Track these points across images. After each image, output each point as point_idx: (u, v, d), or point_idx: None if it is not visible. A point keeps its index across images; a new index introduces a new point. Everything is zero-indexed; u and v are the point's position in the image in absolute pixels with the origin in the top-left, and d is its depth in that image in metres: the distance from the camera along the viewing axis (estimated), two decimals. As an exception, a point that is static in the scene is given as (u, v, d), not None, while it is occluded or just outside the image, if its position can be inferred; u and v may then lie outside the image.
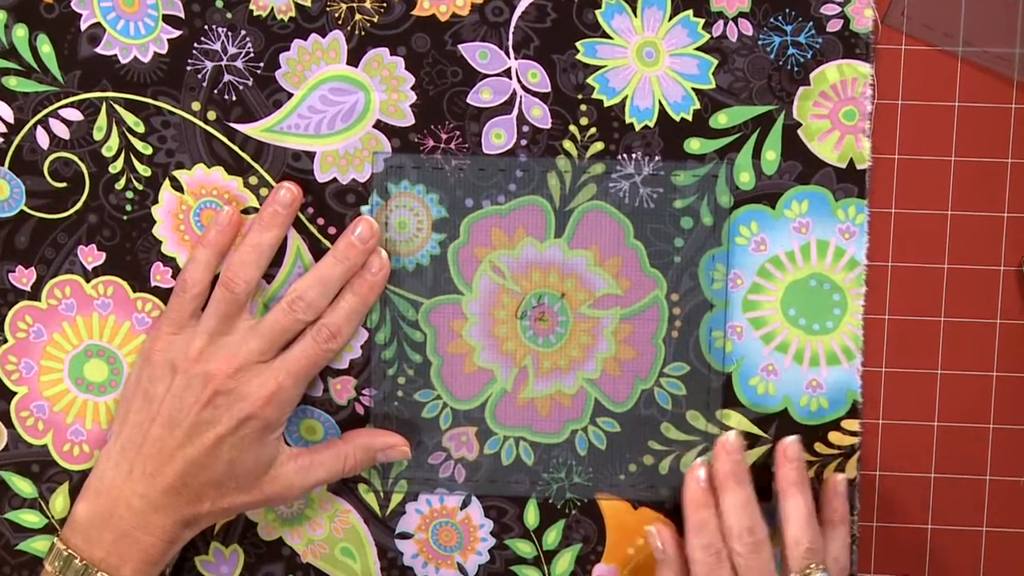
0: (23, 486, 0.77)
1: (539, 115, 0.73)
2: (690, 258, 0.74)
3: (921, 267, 0.74)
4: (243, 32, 0.73)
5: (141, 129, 0.74)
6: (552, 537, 0.76)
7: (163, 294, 0.75)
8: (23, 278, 0.75)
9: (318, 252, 0.74)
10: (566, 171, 0.74)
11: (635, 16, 0.72)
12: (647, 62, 0.73)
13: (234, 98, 0.74)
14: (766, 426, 0.75)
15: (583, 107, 0.73)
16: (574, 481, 0.76)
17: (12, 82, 0.74)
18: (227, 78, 0.74)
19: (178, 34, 0.73)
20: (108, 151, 0.74)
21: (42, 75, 0.74)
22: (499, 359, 0.75)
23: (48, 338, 0.76)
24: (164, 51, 0.74)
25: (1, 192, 0.75)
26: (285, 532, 0.77)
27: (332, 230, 0.74)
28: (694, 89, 0.73)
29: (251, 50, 0.73)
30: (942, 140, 0.73)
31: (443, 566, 0.77)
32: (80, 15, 0.73)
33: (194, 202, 0.75)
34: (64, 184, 0.75)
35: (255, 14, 0.73)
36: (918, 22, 0.72)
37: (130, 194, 0.75)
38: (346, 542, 0.77)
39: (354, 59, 0.73)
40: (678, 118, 0.73)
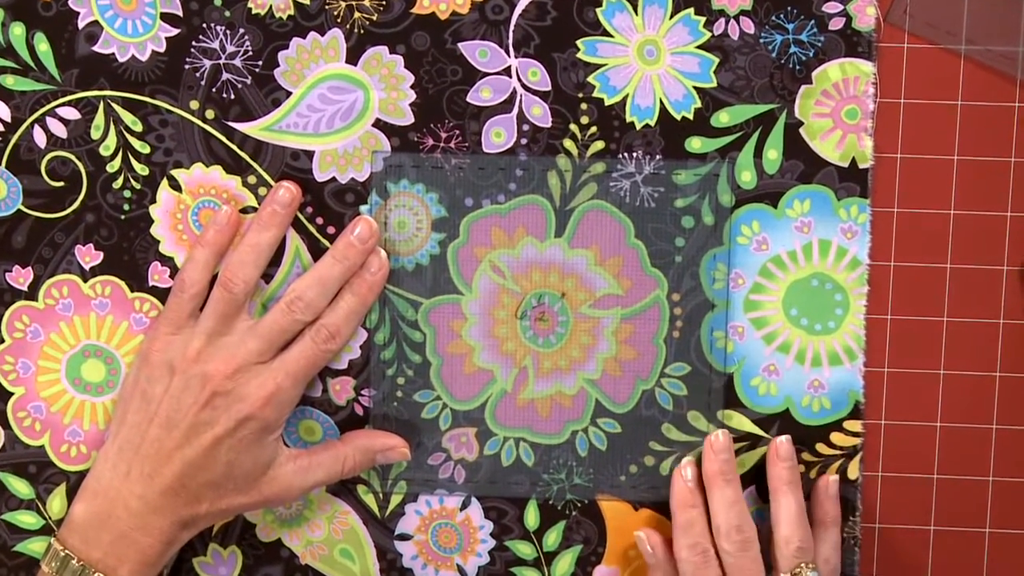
0: (20, 487, 0.77)
1: (539, 114, 0.73)
2: (691, 258, 0.74)
3: (924, 267, 0.74)
4: (241, 30, 0.73)
5: (139, 128, 0.74)
6: (552, 538, 0.76)
7: (161, 294, 0.75)
8: (20, 278, 0.75)
9: (317, 252, 0.74)
10: (566, 170, 0.73)
11: (636, 14, 0.72)
12: (648, 60, 0.73)
13: (232, 97, 0.73)
14: (768, 427, 0.74)
15: (584, 106, 0.73)
16: (574, 482, 0.76)
17: (9, 81, 0.74)
18: (225, 77, 0.73)
19: (176, 32, 0.73)
20: (106, 150, 0.74)
21: (39, 73, 0.74)
22: (499, 359, 0.75)
23: (45, 338, 0.76)
24: (162, 49, 0.73)
25: (-2, 191, 0.75)
26: (284, 533, 0.77)
27: (331, 230, 0.74)
28: (695, 88, 0.73)
29: (250, 48, 0.73)
30: (945, 139, 0.73)
31: (443, 568, 0.77)
32: (78, 13, 0.73)
33: (192, 201, 0.74)
34: (61, 183, 0.74)
35: (253, 12, 0.73)
36: (921, 20, 0.72)
37: (128, 193, 0.74)
38: (345, 543, 0.77)
39: (353, 57, 0.73)
40: (679, 117, 0.73)
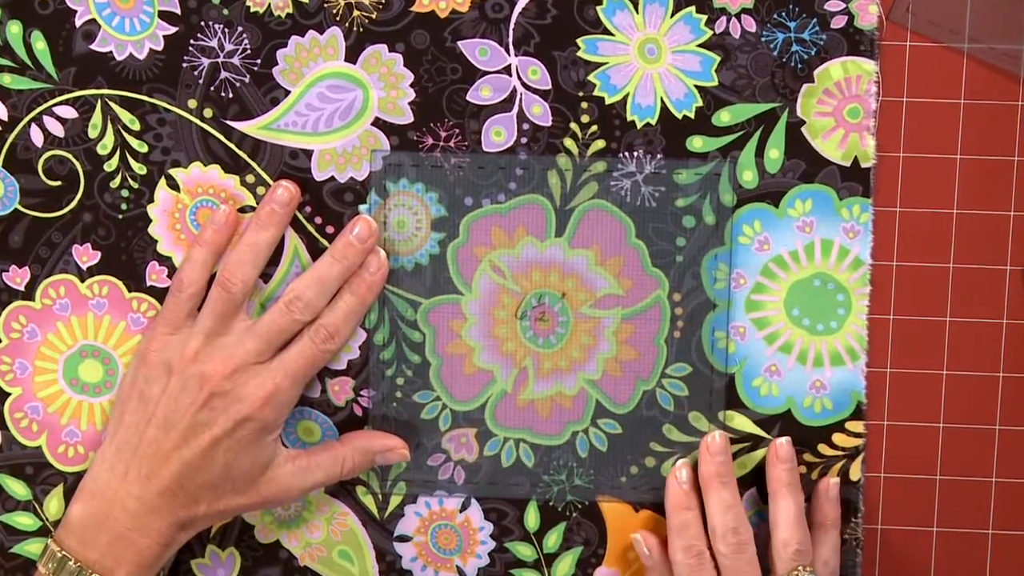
0: (17, 488, 0.76)
1: (539, 113, 0.73)
2: (692, 257, 0.73)
3: (926, 266, 0.73)
4: (240, 29, 0.73)
5: (137, 127, 0.74)
6: (553, 540, 0.76)
7: (159, 294, 0.74)
8: (17, 278, 0.75)
9: (316, 251, 0.74)
10: (567, 169, 0.73)
11: (637, 12, 0.72)
12: (649, 59, 0.72)
13: (231, 95, 0.73)
14: (769, 428, 0.74)
15: (584, 104, 0.73)
16: (575, 483, 0.75)
17: (6, 79, 0.73)
18: (224, 75, 0.73)
19: (174, 31, 0.73)
20: (103, 149, 0.74)
21: (36, 72, 0.73)
22: (499, 360, 0.75)
23: (42, 338, 0.75)
24: (160, 48, 0.73)
25: (-5, 191, 0.75)
26: (282, 535, 0.77)
27: (330, 229, 0.74)
28: (696, 86, 0.72)
29: (248, 47, 0.73)
30: (947, 138, 0.72)
31: (442, 569, 0.76)
32: (75, 11, 0.73)
33: (190, 201, 0.74)
34: (59, 182, 0.74)
35: (252, 10, 0.73)
36: (923, 18, 0.72)
37: (125, 192, 0.74)
38: (344, 545, 0.76)
39: (352, 56, 0.73)
40: (680, 116, 0.72)
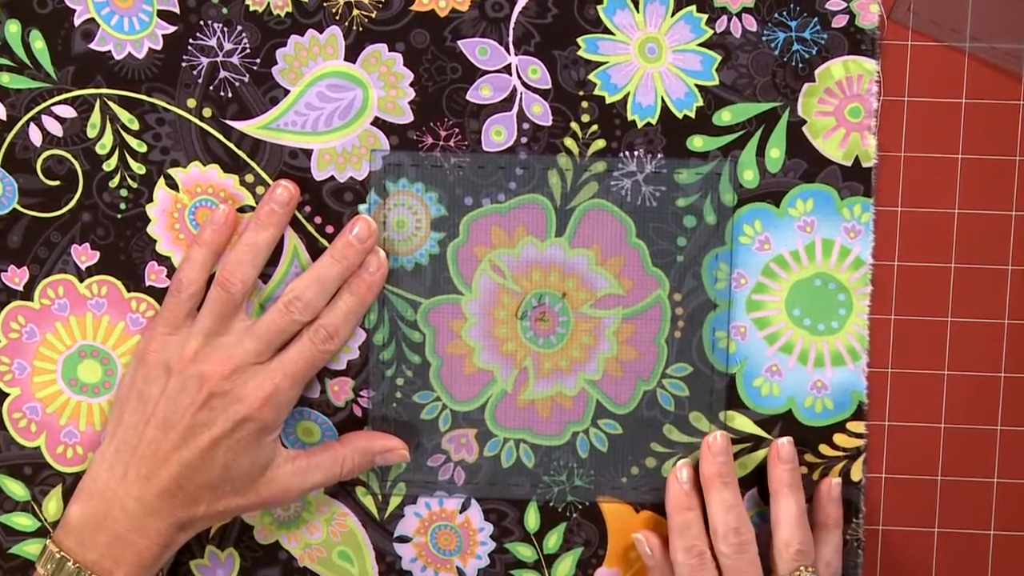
0: (15, 489, 0.76)
1: (540, 112, 0.73)
2: (693, 257, 0.73)
3: (927, 266, 0.73)
4: (239, 28, 0.72)
5: (135, 126, 0.73)
6: (553, 541, 0.76)
7: (158, 294, 0.74)
8: (15, 278, 0.75)
9: (315, 251, 0.73)
10: (567, 169, 0.73)
11: (637, 12, 0.72)
12: (649, 58, 0.72)
13: (230, 95, 0.73)
14: (770, 428, 0.74)
15: (584, 104, 0.72)
16: (575, 484, 0.75)
17: (5, 78, 0.73)
18: (223, 74, 0.73)
19: (173, 30, 0.73)
20: (102, 149, 0.74)
21: (35, 71, 0.73)
22: (499, 360, 0.74)
23: (41, 339, 0.75)
24: (159, 47, 0.73)
25: (-7, 190, 0.75)
26: (282, 535, 0.76)
27: (329, 229, 0.74)
28: (697, 86, 0.72)
29: (247, 46, 0.73)
30: (949, 137, 0.72)
31: (442, 570, 0.76)
32: (74, 11, 0.73)
33: (189, 200, 0.74)
34: (57, 182, 0.74)
35: (251, 9, 0.72)
36: (925, 18, 0.71)
37: (124, 192, 0.74)
38: (344, 546, 0.76)
39: (352, 55, 0.72)
40: (681, 115, 0.72)
